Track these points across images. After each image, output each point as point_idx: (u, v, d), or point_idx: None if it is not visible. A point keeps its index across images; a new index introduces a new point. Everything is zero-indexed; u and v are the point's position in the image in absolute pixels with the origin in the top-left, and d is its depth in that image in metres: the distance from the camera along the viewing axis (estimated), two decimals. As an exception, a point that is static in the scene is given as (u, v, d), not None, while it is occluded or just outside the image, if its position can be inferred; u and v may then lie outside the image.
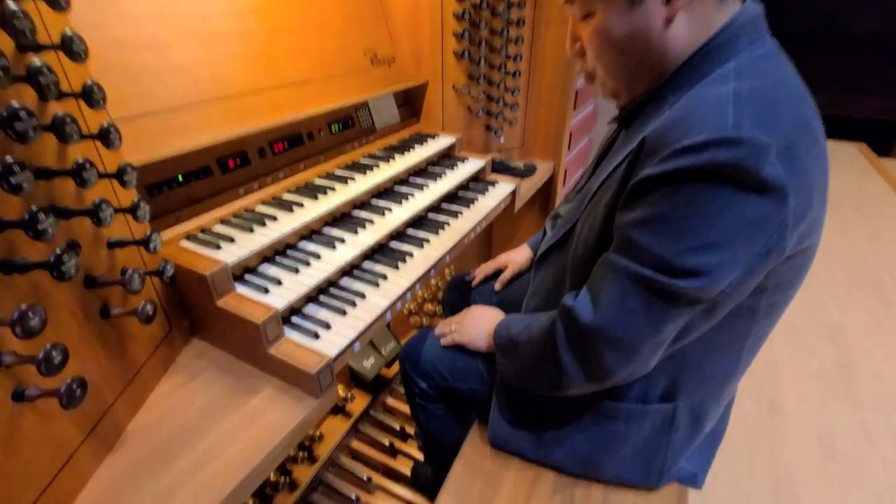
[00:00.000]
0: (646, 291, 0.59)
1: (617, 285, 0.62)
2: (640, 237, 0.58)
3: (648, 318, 0.60)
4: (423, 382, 1.03)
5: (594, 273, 0.67)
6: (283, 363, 0.75)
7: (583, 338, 0.65)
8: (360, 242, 0.99)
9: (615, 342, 0.63)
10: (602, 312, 0.63)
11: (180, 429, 0.71)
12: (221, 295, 0.79)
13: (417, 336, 1.08)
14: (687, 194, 0.54)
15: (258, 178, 1.04)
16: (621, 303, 0.61)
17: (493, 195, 1.36)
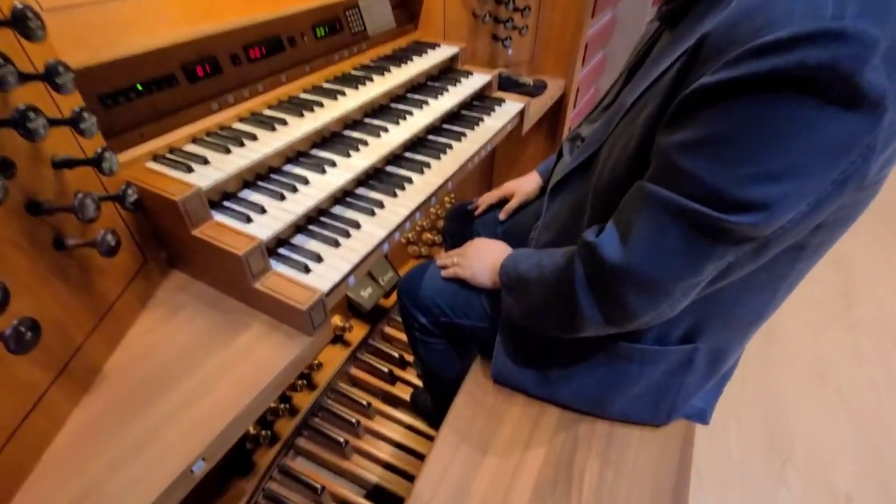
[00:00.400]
0: (688, 227, 0.50)
1: (652, 220, 0.52)
2: (687, 162, 0.48)
3: (687, 258, 0.52)
4: (422, 317, 0.98)
5: (623, 205, 0.58)
6: (271, 298, 0.69)
7: (606, 278, 0.58)
8: (352, 166, 0.89)
9: (644, 284, 0.55)
10: (632, 250, 0.54)
11: (163, 367, 0.65)
12: (197, 224, 0.70)
13: (417, 268, 1.01)
14: (755, 108, 0.43)
15: (233, 91, 0.90)
16: (657, 240, 0.52)
17: (500, 115, 1.22)
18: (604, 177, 0.65)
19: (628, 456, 0.75)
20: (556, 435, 0.79)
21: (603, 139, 0.68)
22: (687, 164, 0.49)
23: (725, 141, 0.45)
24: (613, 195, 0.62)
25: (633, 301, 0.57)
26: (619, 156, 0.62)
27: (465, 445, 0.77)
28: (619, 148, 0.62)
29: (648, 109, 0.56)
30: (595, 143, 0.70)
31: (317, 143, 0.95)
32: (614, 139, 0.65)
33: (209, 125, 0.85)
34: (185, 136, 0.81)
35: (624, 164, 0.61)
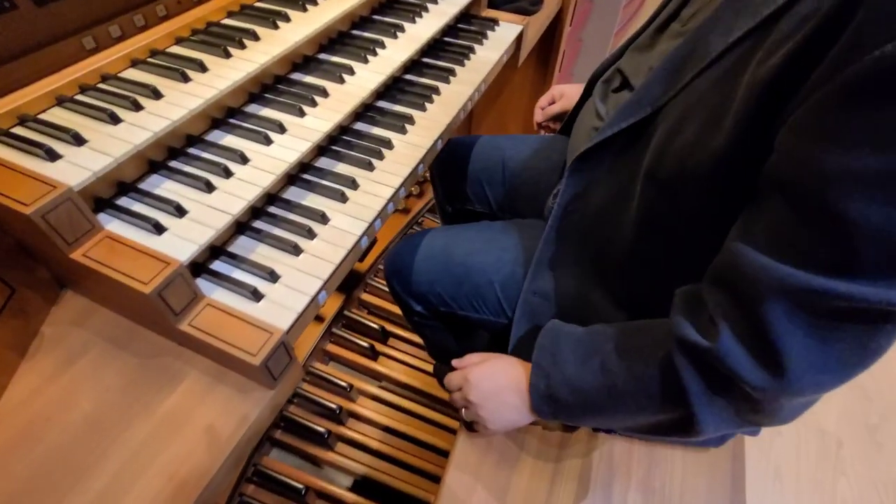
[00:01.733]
0: (878, 325, 0.32)
1: (803, 326, 0.34)
2: (871, 213, 0.29)
3: (858, 358, 0.34)
4: (417, 305, 0.80)
5: (733, 283, 0.38)
6: (206, 345, 0.48)
7: (747, 398, 0.40)
8: (309, 129, 0.63)
9: (805, 395, 0.38)
10: (782, 369, 0.35)
11: (56, 455, 0.45)
12: (75, 241, 0.46)
13: (404, 244, 0.81)
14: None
15: (117, 17, 0.60)
16: (818, 355, 0.34)
17: (494, 42, 0.96)
18: (667, 162, 0.44)
19: (674, 483, 0.64)
20: (587, 460, 0.66)
21: (663, 99, 0.46)
22: (864, 213, 0.29)
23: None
24: (687, 194, 0.43)
25: (787, 414, 0.41)
26: (699, 136, 0.41)
27: (481, 485, 0.63)
28: (699, 123, 0.41)
29: (757, 74, 0.35)
30: (649, 102, 0.47)
31: (254, 96, 0.68)
32: (685, 104, 0.43)
33: (83, 76, 0.56)
34: (42, 97, 0.53)
35: (707, 156, 0.40)
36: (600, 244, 0.57)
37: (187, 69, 0.59)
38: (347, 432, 1.18)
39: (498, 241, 0.73)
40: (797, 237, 0.33)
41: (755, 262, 0.35)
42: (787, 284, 0.33)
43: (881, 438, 1.33)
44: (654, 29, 0.59)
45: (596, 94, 0.67)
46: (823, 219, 0.31)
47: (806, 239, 0.32)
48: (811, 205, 0.31)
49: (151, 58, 0.62)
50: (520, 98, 1.66)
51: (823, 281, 0.31)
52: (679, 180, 0.43)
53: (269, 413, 0.51)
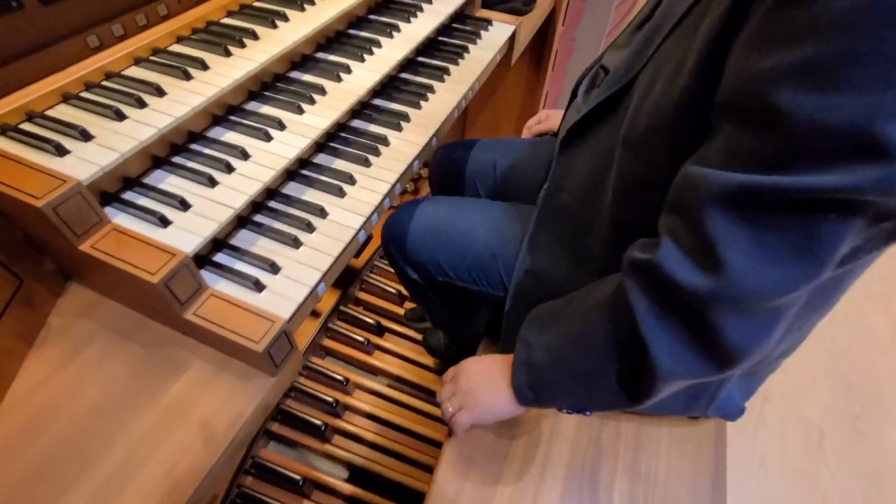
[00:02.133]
0: (803, 216, 0.32)
1: (741, 224, 0.34)
2: (795, 100, 0.30)
3: (806, 257, 0.34)
4: (413, 273, 0.80)
5: (678, 202, 0.39)
6: (211, 333, 0.50)
7: (689, 308, 0.39)
8: (308, 126, 0.65)
9: (749, 304, 0.36)
10: (719, 270, 0.35)
11: (64, 443, 0.47)
12: (84, 234, 0.48)
13: (404, 208, 0.81)
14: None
15: (120, 16, 0.62)
16: (755, 249, 0.34)
17: (488, 42, 0.98)
18: (640, 121, 0.46)
19: (659, 467, 0.67)
20: (576, 444, 0.68)
21: (637, 68, 0.48)
22: (799, 104, 0.30)
23: (862, 53, 0.27)
24: (656, 149, 0.44)
25: (735, 332, 0.38)
26: (665, 88, 0.42)
27: (473, 474, 0.65)
28: (665, 78, 0.43)
29: (712, 15, 0.37)
30: (625, 74, 0.50)
31: (254, 93, 0.70)
32: (655, 66, 0.46)
33: (87, 73, 0.58)
34: (48, 94, 0.54)
35: (671, 101, 0.41)
36: (586, 219, 0.58)
37: (189, 67, 0.61)
38: (344, 425, 1.20)
39: (501, 218, 0.75)
40: (740, 144, 0.34)
41: (698, 173, 0.36)
42: (728, 187, 0.34)
43: (862, 428, 1.37)
44: (632, 29, 0.62)
45: (580, 91, 0.70)
46: (761, 118, 0.32)
47: (748, 143, 0.33)
48: (750, 108, 0.33)
49: (154, 56, 0.64)
50: (514, 96, 1.68)
51: (766, 178, 0.32)
52: (649, 138, 0.45)
53: (271, 399, 0.53)
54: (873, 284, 1.73)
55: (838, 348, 1.56)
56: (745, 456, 1.30)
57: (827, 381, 1.47)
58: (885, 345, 1.58)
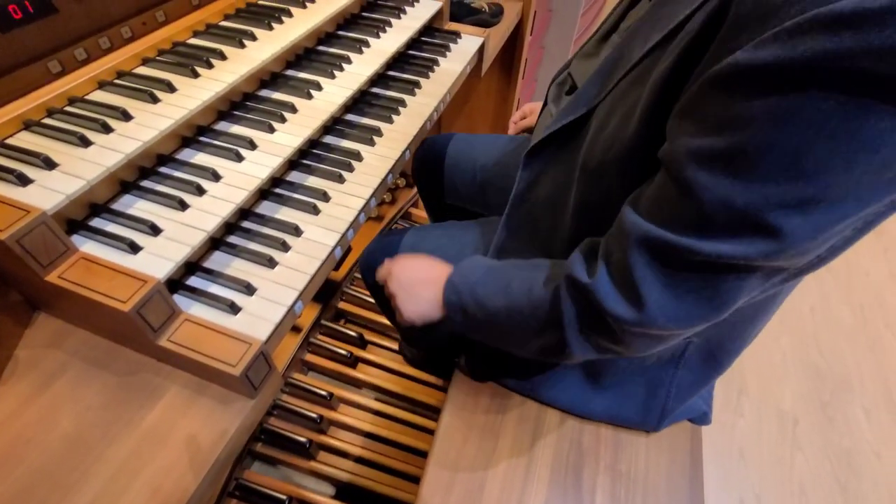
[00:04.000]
0: (713, 273, 0.39)
1: (658, 271, 0.40)
2: (711, 183, 0.35)
3: (713, 303, 0.40)
4: None
5: (615, 238, 0.44)
6: (186, 359, 0.49)
7: (607, 327, 0.46)
8: (279, 145, 0.66)
9: (657, 334, 0.44)
10: (640, 305, 0.42)
11: (38, 476, 0.46)
12: (50, 264, 0.47)
13: (377, 242, 0.84)
14: (818, 111, 0.29)
15: (82, 41, 0.61)
16: (670, 290, 0.40)
17: (458, 55, 0.99)
18: (595, 153, 0.50)
19: (639, 466, 0.68)
20: (559, 446, 0.70)
21: (596, 100, 0.52)
22: (709, 183, 0.35)
23: (768, 151, 0.32)
24: (610, 179, 0.48)
25: (639, 345, 0.46)
26: (617, 131, 0.47)
27: (458, 480, 0.66)
28: (619, 118, 0.47)
29: (657, 73, 0.41)
30: (586, 101, 0.53)
31: (224, 113, 0.69)
32: (611, 103, 0.49)
33: (50, 98, 0.57)
34: (11, 121, 0.53)
35: (621, 144, 0.46)
36: (548, 231, 0.62)
37: (156, 90, 0.61)
38: (329, 440, 1.19)
39: (460, 237, 0.78)
40: (665, 201, 0.39)
41: (629, 218, 0.42)
42: (650, 238, 0.39)
43: (832, 413, 1.43)
44: (599, 38, 0.65)
45: (550, 97, 0.72)
46: (683, 187, 0.37)
47: (670, 203, 0.38)
48: (676, 175, 0.38)
49: (118, 79, 0.63)
50: (486, 104, 1.71)
51: (679, 238, 0.37)
52: (604, 169, 0.49)
53: (251, 422, 0.52)
54: (837, 274, 1.80)
55: (807, 337, 1.62)
56: (725, 448, 1.34)
57: (798, 370, 1.53)
58: (849, 332, 1.65)
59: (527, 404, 0.74)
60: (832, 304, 1.72)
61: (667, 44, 0.42)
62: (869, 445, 1.37)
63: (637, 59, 0.46)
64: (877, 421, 1.42)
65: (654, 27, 0.45)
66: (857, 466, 1.32)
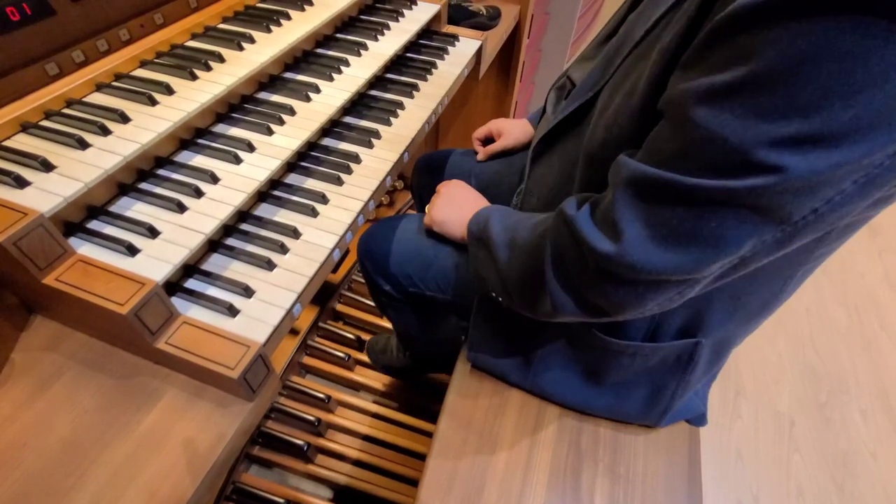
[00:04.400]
0: (696, 210, 0.37)
1: (642, 205, 0.40)
2: (706, 117, 0.34)
3: (692, 252, 0.39)
4: (386, 285, 0.83)
5: (612, 171, 0.44)
6: (184, 361, 0.49)
7: (583, 261, 0.45)
8: (278, 147, 0.66)
9: (629, 275, 0.42)
10: (617, 234, 0.41)
11: (36, 479, 0.45)
12: (47, 266, 0.47)
13: (378, 225, 0.84)
14: (819, 39, 0.29)
15: (80, 43, 0.61)
16: (650, 229, 0.40)
17: (456, 58, 1.00)
18: (598, 134, 0.50)
19: (637, 468, 0.68)
20: (558, 448, 0.70)
21: (601, 83, 0.52)
22: (705, 118, 0.34)
23: (766, 84, 0.32)
24: (611, 161, 0.47)
25: (613, 293, 0.44)
26: (621, 106, 0.47)
27: (457, 484, 0.66)
28: (622, 95, 0.47)
29: (664, 41, 0.41)
30: (588, 88, 0.54)
31: (222, 116, 0.69)
32: (614, 84, 0.50)
33: (48, 101, 0.57)
34: (8, 123, 0.53)
35: (626, 118, 0.46)
36: None
37: (154, 92, 0.61)
38: (327, 443, 1.18)
39: None
40: (658, 143, 0.40)
41: (621, 160, 0.42)
42: (636, 175, 0.40)
43: (829, 414, 1.43)
44: (598, 42, 0.65)
45: (549, 102, 0.72)
46: (677, 124, 0.37)
47: (663, 142, 0.39)
48: (673, 115, 0.38)
49: (116, 82, 0.63)
50: (483, 108, 1.71)
51: (664, 173, 0.38)
52: (605, 150, 0.49)
53: (249, 424, 0.52)
54: (832, 275, 1.81)
55: (803, 339, 1.63)
56: (723, 449, 1.34)
57: (794, 371, 1.54)
58: (844, 333, 1.66)
59: (526, 406, 0.74)
60: (827, 305, 1.73)
61: (670, 15, 0.43)
62: (865, 446, 1.37)
63: (640, 37, 0.47)
64: (873, 422, 1.43)
65: (656, 7, 0.46)
66: (853, 467, 1.32)
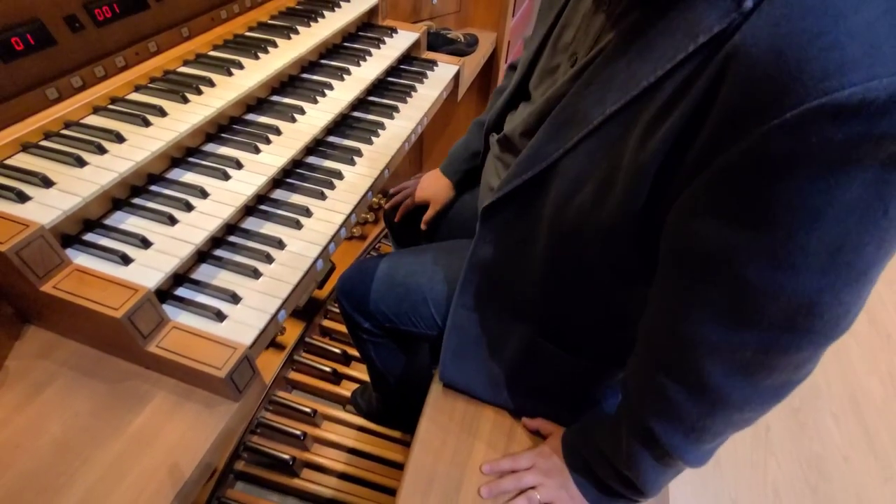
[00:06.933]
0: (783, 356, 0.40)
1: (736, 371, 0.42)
2: (756, 274, 0.36)
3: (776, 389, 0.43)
4: (365, 322, 0.86)
5: (665, 347, 0.46)
6: (174, 363, 0.52)
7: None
8: (264, 164, 0.70)
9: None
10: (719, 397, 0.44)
11: (29, 479, 0.48)
12: (46, 275, 0.50)
13: (355, 268, 0.88)
14: (843, 190, 0.30)
15: (79, 69, 0.65)
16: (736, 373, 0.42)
17: (434, 81, 1.06)
18: (569, 217, 0.50)
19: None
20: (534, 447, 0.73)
21: (556, 155, 0.49)
22: (756, 275, 0.36)
23: (807, 242, 0.33)
24: (587, 242, 0.49)
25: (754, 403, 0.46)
26: (596, 194, 0.46)
27: (438, 479, 0.69)
28: (594, 187, 0.46)
29: (644, 158, 0.40)
30: (541, 158, 0.50)
31: (212, 136, 0.74)
32: (580, 166, 0.47)
33: (47, 123, 0.61)
34: (9, 144, 0.57)
35: (605, 212, 0.45)
36: (511, 278, 0.63)
37: (147, 114, 0.65)
38: (313, 457, 1.19)
39: (431, 263, 0.81)
40: (718, 302, 0.40)
41: (680, 331, 0.43)
42: (732, 341, 0.40)
43: (803, 419, 1.48)
44: (520, 77, 0.67)
45: (493, 151, 0.72)
46: (733, 286, 0.38)
47: (724, 303, 0.39)
48: (719, 273, 0.38)
49: (112, 105, 0.67)
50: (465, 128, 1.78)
51: (736, 334, 0.39)
52: (581, 233, 0.50)
53: (236, 424, 0.55)
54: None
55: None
56: (701, 454, 1.38)
57: (769, 377, 1.59)
58: (815, 340, 1.72)
59: (496, 427, 0.76)
60: None
61: (634, 110, 0.41)
62: (838, 450, 1.42)
63: (597, 123, 0.44)
64: (845, 426, 1.48)
65: (607, 86, 0.43)
66: (826, 470, 1.37)
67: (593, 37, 0.49)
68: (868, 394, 1.57)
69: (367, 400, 1.28)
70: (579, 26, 0.53)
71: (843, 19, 0.28)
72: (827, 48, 0.28)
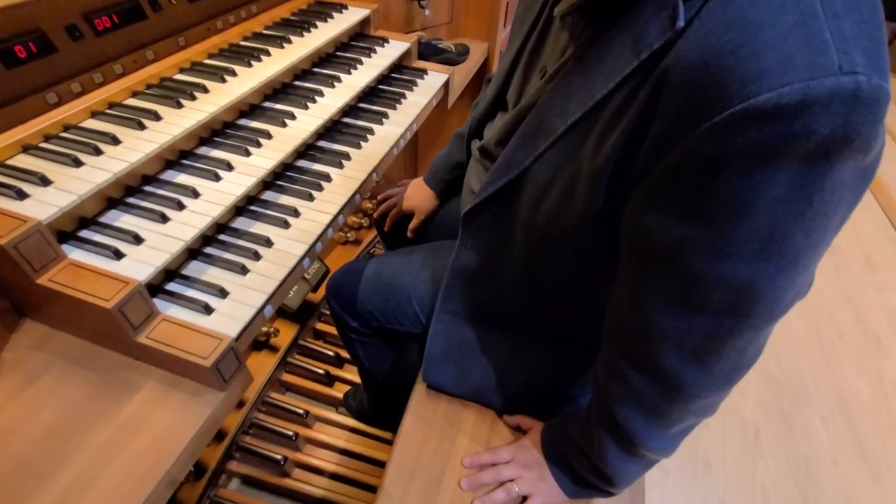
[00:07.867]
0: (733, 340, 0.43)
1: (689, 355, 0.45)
2: (697, 262, 0.39)
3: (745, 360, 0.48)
4: (353, 322, 0.89)
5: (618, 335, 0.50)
6: (163, 354, 0.55)
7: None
8: (255, 167, 0.73)
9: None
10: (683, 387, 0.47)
11: (22, 462, 0.50)
12: (42, 268, 0.53)
13: (344, 270, 0.91)
14: (769, 184, 0.33)
15: (78, 76, 0.69)
16: (692, 361, 0.46)
17: (424, 89, 1.10)
18: (539, 220, 0.54)
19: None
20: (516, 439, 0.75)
21: (525, 163, 0.52)
22: (695, 263, 0.39)
23: (741, 234, 0.36)
24: (558, 244, 0.53)
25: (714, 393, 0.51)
26: (562, 199, 0.50)
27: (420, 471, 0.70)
28: (560, 189, 0.50)
29: (598, 163, 0.44)
30: (513, 166, 0.54)
31: (205, 139, 0.77)
32: (545, 172, 0.51)
33: (47, 126, 0.64)
34: (11, 145, 0.60)
35: (570, 215, 0.49)
36: (492, 282, 0.66)
37: (143, 118, 0.68)
38: (304, 458, 1.21)
39: (416, 263, 0.84)
40: (670, 289, 0.43)
41: (659, 321, 0.45)
42: (684, 328, 0.43)
43: (792, 422, 1.49)
44: (494, 93, 0.71)
45: (473, 158, 0.76)
46: (678, 273, 0.40)
47: (673, 289, 0.42)
48: (667, 264, 0.41)
49: (110, 109, 0.70)
50: (458, 135, 1.82)
51: (716, 319, 0.41)
52: (551, 235, 0.54)
53: (222, 413, 0.57)
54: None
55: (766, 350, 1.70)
56: (690, 457, 1.39)
57: (758, 380, 1.60)
58: (804, 343, 1.74)
59: (477, 425, 0.78)
60: (790, 318, 1.78)
61: (592, 120, 0.44)
62: (826, 452, 1.43)
63: (560, 133, 0.48)
64: (833, 428, 1.49)
65: (568, 98, 0.47)
66: (815, 472, 1.37)
67: (559, 51, 0.53)
68: (857, 396, 1.59)
69: (358, 401, 1.30)
70: (548, 41, 0.57)
71: (760, 32, 0.31)
72: (746, 58, 0.31)
